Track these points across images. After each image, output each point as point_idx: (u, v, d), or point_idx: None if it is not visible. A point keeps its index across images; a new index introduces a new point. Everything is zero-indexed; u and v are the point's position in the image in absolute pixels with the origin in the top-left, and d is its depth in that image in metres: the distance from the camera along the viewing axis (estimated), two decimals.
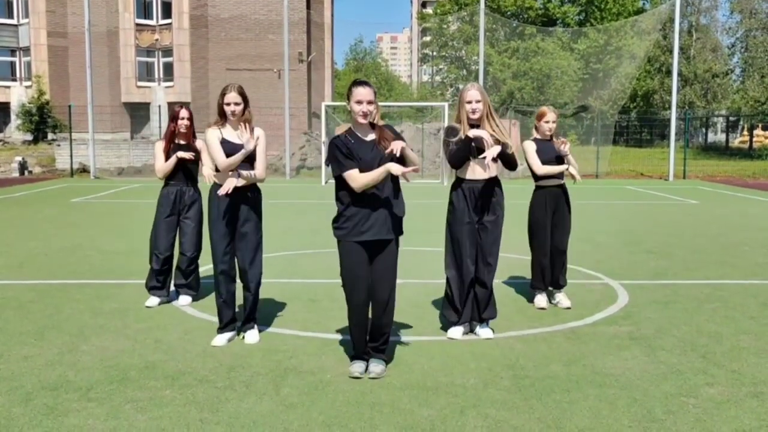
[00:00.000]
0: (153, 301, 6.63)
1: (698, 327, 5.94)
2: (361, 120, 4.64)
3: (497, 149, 5.34)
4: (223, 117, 5.42)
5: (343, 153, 4.61)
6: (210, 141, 5.38)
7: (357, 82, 4.66)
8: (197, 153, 6.62)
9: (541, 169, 6.49)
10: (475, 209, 5.54)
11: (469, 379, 4.68)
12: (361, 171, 4.58)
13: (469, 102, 5.45)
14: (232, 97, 5.36)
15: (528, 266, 6.90)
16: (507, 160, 5.49)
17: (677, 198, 18.17)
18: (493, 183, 5.58)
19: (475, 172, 5.53)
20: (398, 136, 4.73)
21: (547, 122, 6.53)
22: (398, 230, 4.80)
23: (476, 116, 5.46)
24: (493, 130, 5.45)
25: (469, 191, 5.53)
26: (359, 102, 4.59)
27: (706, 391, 4.46)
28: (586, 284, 7.55)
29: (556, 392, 4.44)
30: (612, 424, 3.96)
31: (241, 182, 5.32)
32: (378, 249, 4.72)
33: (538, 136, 6.62)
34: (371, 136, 4.72)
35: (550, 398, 4.34)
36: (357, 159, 4.61)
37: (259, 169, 5.46)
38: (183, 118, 6.55)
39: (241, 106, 5.38)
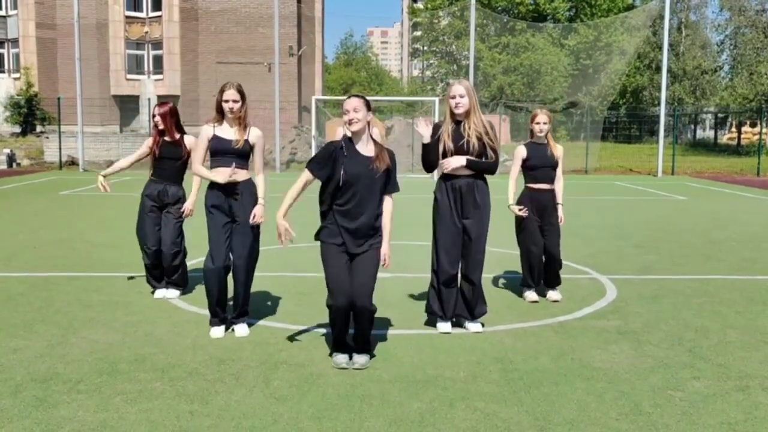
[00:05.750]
0: (159, 293, 6.65)
1: (685, 321, 5.99)
2: (349, 128, 4.73)
3: (457, 161, 5.44)
4: (220, 114, 5.45)
5: (324, 157, 4.72)
6: (199, 138, 5.55)
7: (350, 96, 4.83)
8: (181, 156, 6.61)
9: (510, 181, 6.70)
10: (457, 205, 5.54)
11: (458, 372, 4.70)
12: (345, 183, 4.66)
13: (453, 97, 5.50)
14: (231, 94, 5.40)
15: (517, 260, 6.93)
16: (479, 170, 5.55)
17: (665, 194, 18.27)
18: (477, 179, 5.57)
19: (457, 168, 5.54)
20: (392, 161, 4.85)
21: (537, 123, 6.60)
22: (374, 244, 4.80)
23: (459, 111, 5.48)
24: (477, 128, 5.48)
25: (451, 186, 5.54)
26: (346, 111, 4.73)
27: (693, 385, 4.51)
28: (574, 279, 7.60)
29: (545, 385, 4.47)
30: (600, 417, 4.00)
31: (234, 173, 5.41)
32: (356, 256, 4.77)
33: (533, 140, 6.68)
34: (369, 152, 4.77)
35: (538, 391, 4.37)
36: (339, 169, 4.67)
37: (258, 168, 5.59)
38: (154, 116, 6.54)
39: (239, 104, 5.43)
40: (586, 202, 15.78)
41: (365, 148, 4.77)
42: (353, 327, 4.83)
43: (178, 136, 6.56)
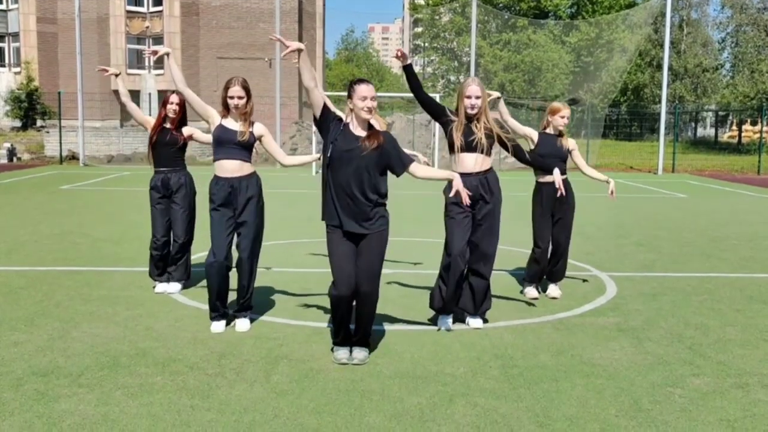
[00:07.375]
0: (161, 287, 6.65)
1: (685, 319, 6.00)
2: (366, 115, 4.67)
3: (557, 177, 5.90)
4: (226, 109, 5.47)
5: (334, 115, 4.81)
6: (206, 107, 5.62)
7: (359, 80, 4.72)
8: (177, 142, 6.63)
9: (511, 121, 6.63)
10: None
11: (458, 368, 4.72)
12: (334, 158, 4.65)
13: (469, 97, 5.42)
14: (236, 90, 5.42)
15: (517, 257, 6.94)
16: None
17: (666, 191, 18.28)
18: (487, 174, 5.55)
19: (465, 165, 5.51)
20: (392, 143, 4.80)
21: (563, 117, 6.57)
22: (374, 227, 4.73)
23: (474, 112, 5.44)
24: (487, 125, 5.47)
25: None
26: (364, 98, 4.64)
27: (692, 382, 4.52)
28: (574, 276, 7.60)
29: (545, 382, 4.49)
30: (599, 413, 4.01)
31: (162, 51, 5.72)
32: (360, 241, 4.73)
33: (548, 131, 6.65)
34: (361, 132, 4.74)
35: (538, 387, 4.39)
36: (332, 138, 4.69)
37: (281, 154, 5.78)
38: (172, 103, 6.56)
39: (244, 100, 5.45)
40: (586, 199, 15.77)
41: (357, 130, 4.75)
42: (354, 321, 4.84)
43: (176, 125, 6.63)
